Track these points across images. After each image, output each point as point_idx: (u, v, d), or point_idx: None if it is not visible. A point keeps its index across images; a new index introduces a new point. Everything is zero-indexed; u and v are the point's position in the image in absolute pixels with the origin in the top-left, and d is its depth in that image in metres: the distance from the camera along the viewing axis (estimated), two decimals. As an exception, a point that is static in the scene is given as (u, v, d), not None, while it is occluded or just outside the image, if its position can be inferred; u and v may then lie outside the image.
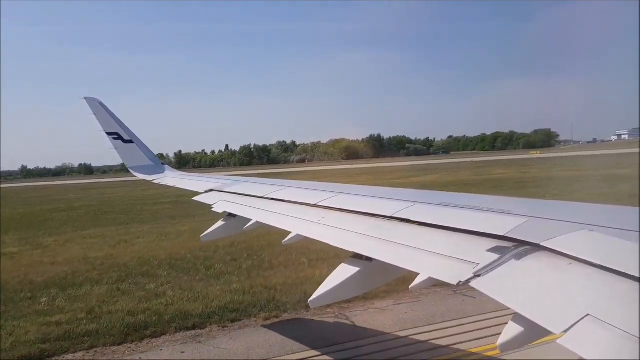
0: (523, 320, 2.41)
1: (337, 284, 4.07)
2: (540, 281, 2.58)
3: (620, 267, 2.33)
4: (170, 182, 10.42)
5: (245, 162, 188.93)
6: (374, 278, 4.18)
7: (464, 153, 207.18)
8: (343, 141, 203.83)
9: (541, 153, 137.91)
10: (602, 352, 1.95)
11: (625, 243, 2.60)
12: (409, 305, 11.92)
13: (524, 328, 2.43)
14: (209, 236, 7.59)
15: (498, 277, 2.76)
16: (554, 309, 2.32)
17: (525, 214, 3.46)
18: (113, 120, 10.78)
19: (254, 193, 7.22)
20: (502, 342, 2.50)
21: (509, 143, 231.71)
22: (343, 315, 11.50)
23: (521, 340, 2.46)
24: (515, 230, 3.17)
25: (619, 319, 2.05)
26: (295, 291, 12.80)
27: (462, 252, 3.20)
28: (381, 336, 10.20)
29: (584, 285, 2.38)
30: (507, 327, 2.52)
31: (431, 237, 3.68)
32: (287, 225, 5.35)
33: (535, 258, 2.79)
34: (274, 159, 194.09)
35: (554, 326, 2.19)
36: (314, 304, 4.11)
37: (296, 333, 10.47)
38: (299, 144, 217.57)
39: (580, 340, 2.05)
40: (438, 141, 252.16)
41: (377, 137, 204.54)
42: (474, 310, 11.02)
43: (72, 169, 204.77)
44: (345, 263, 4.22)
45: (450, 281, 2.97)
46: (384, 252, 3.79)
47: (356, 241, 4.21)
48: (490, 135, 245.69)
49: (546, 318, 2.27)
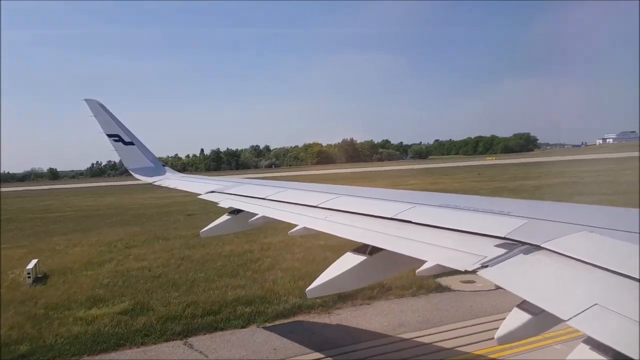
0: (526, 311, 2.55)
1: (337, 274, 4.12)
2: (547, 274, 2.66)
3: (621, 268, 2.38)
4: (171, 184, 10.38)
5: (212, 166, 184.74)
6: (376, 271, 4.21)
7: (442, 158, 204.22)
8: (315, 146, 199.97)
9: (497, 159, 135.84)
10: (612, 333, 2.02)
11: (625, 244, 2.67)
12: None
13: (526, 319, 2.53)
14: (209, 232, 7.60)
15: (505, 268, 2.85)
16: (562, 298, 2.39)
17: (525, 216, 3.53)
18: (113, 122, 10.68)
19: (256, 195, 7.27)
20: (502, 334, 2.57)
21: (489, 147, 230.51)
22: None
23: (523, 332, 2.55)
24: (516, 232, 3.22)
25: (625, 310, 2.11)
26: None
27: (468, 247, 3.29)
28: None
29: (590, 281, 2.43)
30: (508, 319, 2.61)
31: (435, 235, 3.73)
32: (293, 219, 5.43)
33: (542, 254, 2.86)
34: (244, 164, 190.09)
35: (563, 313, 2.24)
36: (311, 294, 4.17)
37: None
38: (273, 148, 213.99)
39: (589, 322, 2.12)
40: (425, 144, 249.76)
41: (349, 142, 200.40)
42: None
43: (37, 174, 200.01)
44: (347, 254, 4.29)
45: (458, 268, 3.06)
46: (391, 243, 3.87)
47: (363, 234, 4.23)
48: (473, 139, 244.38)
49: (555, 306, 2.34)
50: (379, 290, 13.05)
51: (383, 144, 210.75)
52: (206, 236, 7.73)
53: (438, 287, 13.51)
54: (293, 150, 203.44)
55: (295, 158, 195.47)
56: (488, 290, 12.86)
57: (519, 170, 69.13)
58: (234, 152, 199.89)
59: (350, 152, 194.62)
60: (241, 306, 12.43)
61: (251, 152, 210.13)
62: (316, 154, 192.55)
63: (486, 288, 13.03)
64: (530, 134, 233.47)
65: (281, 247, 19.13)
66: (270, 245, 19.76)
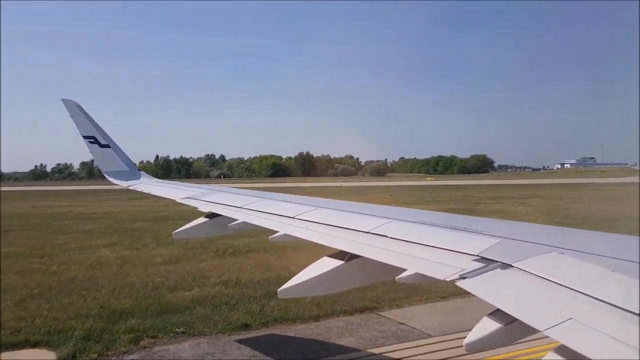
0: (499, 320, 2.62)
1: (311, 277, 4.16)
2: (523, 289, 2.76)
3: (590, 291, 2.45)
4: (145, 189, 10.34)
5: (161, 174, 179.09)
6: (352, 278, 4.27)
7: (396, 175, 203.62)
8: (271, 158, 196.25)
9: (436, 179, 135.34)
10: (590, 344, 2.10)
11: (595, 267, 2.74)
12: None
13: (496, 328, 2.60)
14: (182, 234, 7.60)
15: (483, 280, 2.97)
16: (538, 311, 2.49)
17: (498, 235, 3.62)
18: (90, 124, 10.62)
19: (232, 203, 7.30)
20: (471, 340, 2.61)
21: (448, 167, 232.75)
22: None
23: (493, 340, 2.61)
24: (488, 251, 3.33)
25: (601, 327, 2.19)
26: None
27: (446, 260, 3.43)
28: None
29: (563, 299, 2.50)
30: (478, 327, 2.67)
31: (413, 248, 3.84)
32: (274, 226, 5.55)
33: (515, 272, 2.94)
34: (195, 172, 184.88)
35: (539, 324, 2.34)
36: (283, 294, 4.21)
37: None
38: (229, 158, 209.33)
39: (566, 334, 2.22)
40: (391, 161, 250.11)
41: (305, 155, 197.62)
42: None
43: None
44: (324, 259, 4.34)
45: (438, 277, 3.19)
46: (370, 252, 3.99)
47: (343, 244, 4.33)
48: (434, 158, 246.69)
49: (531, 317, 2.43)
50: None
51: (339, 159, 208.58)
52: (178, 238, 7.71)
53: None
54: (247, 162, 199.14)
55: (247, 169, 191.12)
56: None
57: (440, 192, 67.08)
58: (185, 160, 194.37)
59: (306, 165, 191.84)
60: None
61: (205, 161, 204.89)
62: (270, 166, 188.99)
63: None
64: (487, 155, 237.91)
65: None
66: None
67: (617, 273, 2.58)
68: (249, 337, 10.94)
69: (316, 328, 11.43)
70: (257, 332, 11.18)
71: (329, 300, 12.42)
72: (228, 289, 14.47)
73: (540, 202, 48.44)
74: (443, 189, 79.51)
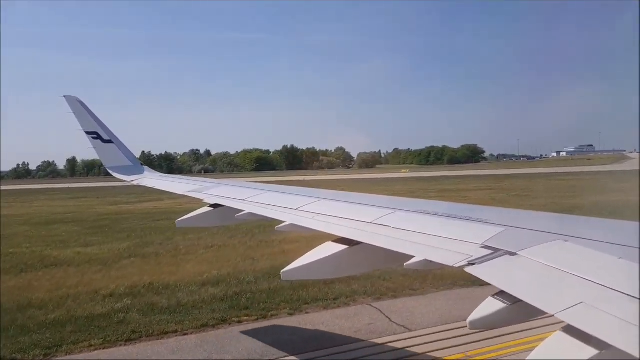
0: (503, 300, 2.65)
1: (314, 260, 4.17)
2: (532, 275, 2.77)
3: (595, 278, 2.47)
4: (149, 184, 10.27)
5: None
6: (355, 263, 4.25)
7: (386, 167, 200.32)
8: (255, 152, 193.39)
9: (410, 171, 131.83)
10: (603, 327, 2.11)
11: (601, 254, 2.76)
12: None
13: (502, 307, 2.64)
14: (186, 222, 7.67)
15: (491, 267, 2.98)
16: (548, 296, 2.50)
17: (502, 224, 3.63)
18: (92, 120, 10.67)
19: (235, 196, 7.35)
20: (475, 318, 2.67)
21: (440, 157, 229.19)
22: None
23: (497, 319, 2.67)
24: (493, 239, 3.34)
25: (612, 311, 2.19)
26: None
27: (453, 247, 3.41)
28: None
29: (572, 285, 2.50)
30: (483, 304, 2.71)
31: (417, 238, 3.84)
32: (280, 216, 5.59)
33: (522, 260, 2.95)
34: (179, 168, 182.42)
35: (551, 308, 2.35)
36: (286, 276, 4.19)
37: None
38: (215, 153, 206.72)
39: (578, 316, 2.22)
40: (384, 153, 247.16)
41: (290, 149, 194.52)
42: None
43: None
44: (327, 243, 4.36)
45: (447, 264, 3.19)
46: (377, 239, 4.00)
47: (348, 233, 4.33)
48: (426, 149, 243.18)
49: (542, 301, 2.43)
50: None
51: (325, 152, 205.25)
52: (181, 226, 7.77)
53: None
54: (231, 156, 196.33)
55: (229, 164, 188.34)
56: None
57: (393, 185, 63.84)
58: (168, 156, 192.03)
59: (290, 159, 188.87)
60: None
61: (190, 157, 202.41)
62: (255, 160, 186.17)
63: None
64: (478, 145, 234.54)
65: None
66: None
67: (622, 260, 2.62)
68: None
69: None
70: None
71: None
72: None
73: (478, 195, 45.34)
74: (404, 181, 76.54)
